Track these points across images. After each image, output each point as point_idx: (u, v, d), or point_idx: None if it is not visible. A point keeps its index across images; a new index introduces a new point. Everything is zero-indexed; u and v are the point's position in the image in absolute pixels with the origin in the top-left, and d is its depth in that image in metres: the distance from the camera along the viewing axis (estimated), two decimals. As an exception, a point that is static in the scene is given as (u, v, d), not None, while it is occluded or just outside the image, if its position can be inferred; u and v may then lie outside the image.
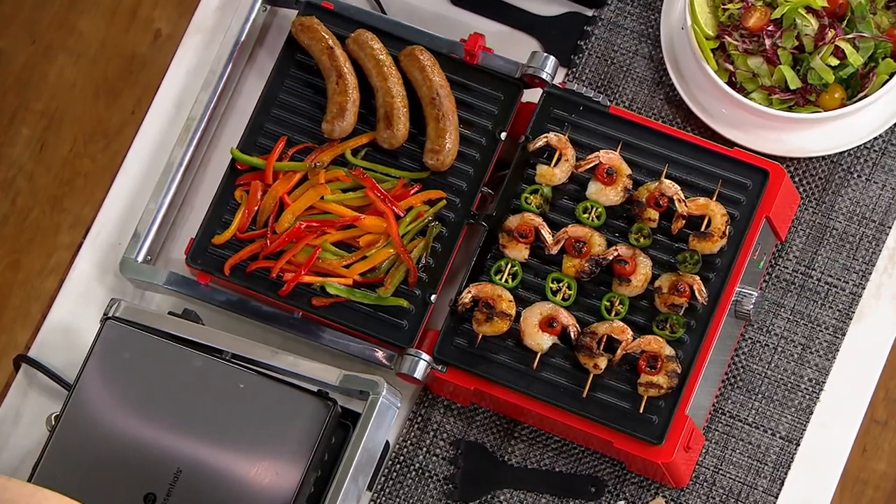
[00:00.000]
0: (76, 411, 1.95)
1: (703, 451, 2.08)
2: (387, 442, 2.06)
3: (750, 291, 2.04)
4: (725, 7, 2.13)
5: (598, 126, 2.10)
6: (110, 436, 1.94)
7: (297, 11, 2.20)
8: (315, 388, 1.98)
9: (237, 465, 1.92)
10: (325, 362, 1.99)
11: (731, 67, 2.13)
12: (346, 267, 2.08)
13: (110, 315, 2.00)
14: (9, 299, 3.23)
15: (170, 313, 2.06)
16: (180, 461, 1.92)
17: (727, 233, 2.03)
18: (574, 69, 2.24)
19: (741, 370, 2.11)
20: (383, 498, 2.10)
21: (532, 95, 2.14)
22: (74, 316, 2.18)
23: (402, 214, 2.09)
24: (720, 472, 2.08)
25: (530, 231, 2.06)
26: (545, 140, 2.09)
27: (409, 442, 2.12)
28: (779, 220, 2.08)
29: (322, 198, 2.09)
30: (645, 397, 1.99)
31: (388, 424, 1.97)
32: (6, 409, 2.14)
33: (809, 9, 2.09)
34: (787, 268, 2.14)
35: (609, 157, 2.07)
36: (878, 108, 2.14)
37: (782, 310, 2.13)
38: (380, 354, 2.06)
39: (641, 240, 2.05)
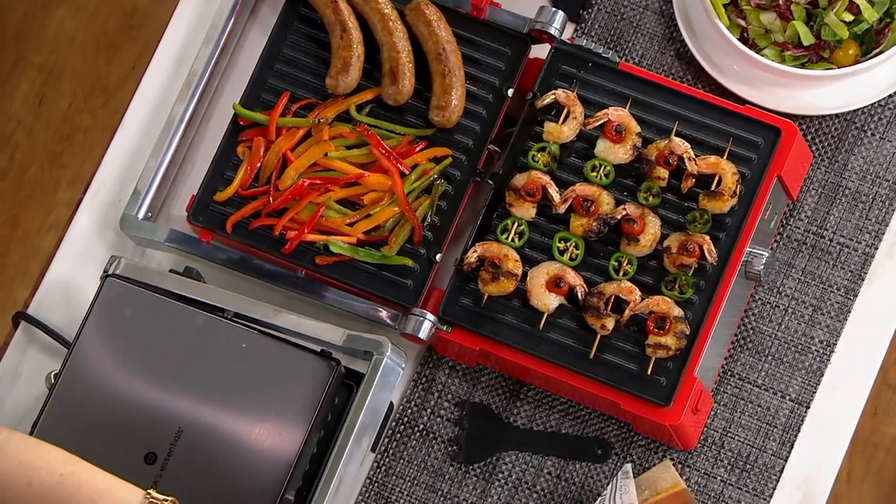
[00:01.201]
0: (76, 369, 1.94)
1: (712, 413, 2.06)
2: (391, 403, 2.04)
3: (760, 251, 2.02)
4: (738, -39, 2.11)
5: (608, 83, 2.08)
6: (110, 394, 1.92)
7: (300, -36, 2.17)
8: (318, 348, 1.97)
9: (239, 425, 1.91)
10: (328, 322, 1.98)
11: (743, 23, 2.11)
12: (350, 225, 2.06)
13: (110, 272, 1.98)
14: (7, 256, 3.22)
15: (171, 271, 2.04)
16: (181, 420, 1.91)
17: (738, 192, 2.00)
18: (583, 24, 2.21)
19: (751, 332, 2.09)
20: (387, 459, 2.08)
21: (540, 51, 2.11)
22: (74, 273, 2.16)
23: (407, 172, 2.07)
24: (729, 434, 2.06)
25: (537, 189, 2.03)
26: (553, 97, 2.06)
27: (413, 403, 2.10)
28: (790, 178, 2.06)
29: (326, 154, 2.08)
30: (653, 358, 1.97)
31: (392, 385, 1.96)
32: (5, 366, 2.13)
33: (824, -37, 2.07)
34: (799, 228, 2.12)
35: (618, 114, 2.05)
36: (892, 65, 2.12)
37: (793, 270, 2.10)
38: (384, 314, 2.04)
39: (650, 199, 2.02)
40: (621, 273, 2.01)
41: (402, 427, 2.09)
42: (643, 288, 2.00)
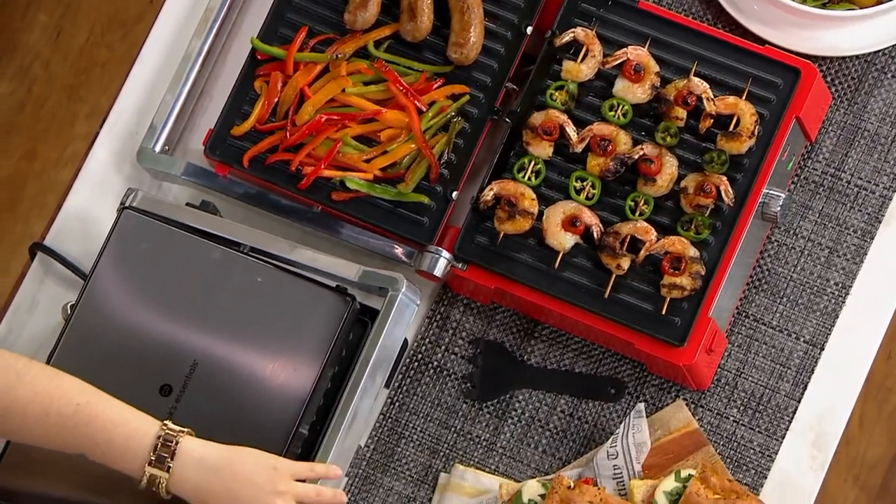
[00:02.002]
0: (92, 301, 1.94)
1: (726, 354, 2.06)
2: (405, 339, 2.04)
3: (777, 193, 2.01)
4: None
5: (627, 21, 2.07)
6: (126, 326, 1.92)
7: None
8: (334, 284, 1.97)
9: (254, 359, 1.91)
10: (344, 258, 1.98)
11: (764, -37, 2.10)
12: (367, 161, 2.05)
13: (127, 205, 1.98)
14: (24, 189, 3.22)
15: (187, 205, 2.04)
16: (197, 354, 1.91)
17: (756, 133, 1.99)
18: (603, -37, 2.19)
19: (766, 273, 2.09)
20: (401, 395, 2.09)
21: (559, -11, 2.10)
22: (91, 205, 2.16)
23: (424, 109, 2.06)
24: (742, 375, 2.06)
25: (555, 128, 2.03)
26: (572, 35, 2.05)
27: (427, 340, 2.10)
28: (809, 120, 2.05)
29: (343, 90, 2.07)
30: (668, 299, 1.97)
31: (406, 321, 1.96)
32: (22, 296, 2.13)
33: None
34: (817, 169, 2.11)
35: (637, 53, 2.04)
36: (914, 8, 2.10)
37: (810, 212, 2.10)
38: (399, 251, 2.04)
39: (668, 139, 2.02)
40: (637, 213, 2.01)
41: (417, 364, 2.10)
42: (659, 228, 2.00)
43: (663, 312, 1.97)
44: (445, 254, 2.02)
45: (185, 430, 1.78)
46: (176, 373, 1.90)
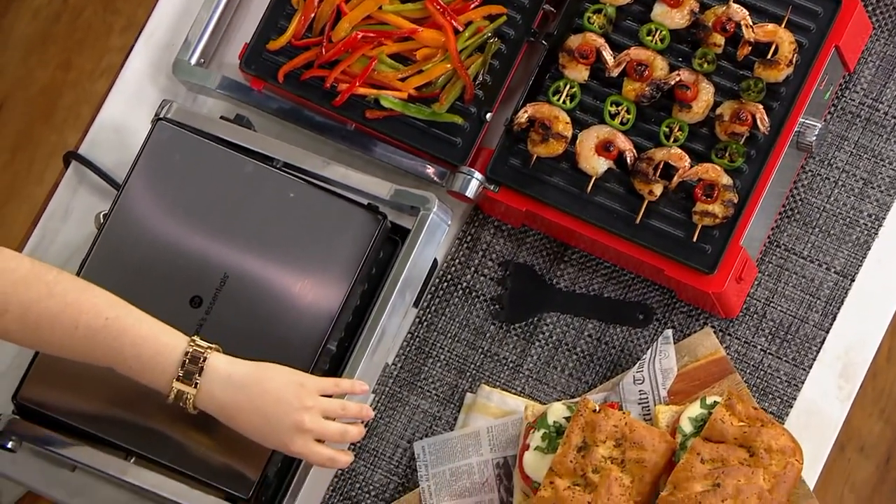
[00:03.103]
0: (124, 211, 1.94)
1: (756, 283, 2.06)
2: (435, 259, 2.05)
3: (813, 122, 2.00)
4: None
5: (668, -55, 2.05)
6: (158, 237, 1.93)
7: None
8: (365, 202, 1.97)
9: (284, 274, 1.92)
10: (376, 177, 1.97)
11: None
12: (402, 80, 2.05)
13: (162, 116, 1.98)
14: (59, 99, 3.22)
15: (222, 118, 2.04)
16: (227, 267, 1.92)
17: (794, 61, 1.98)
18: None
19: (799, 203, 2.08)
20: (429, 315, 2.09)
21: (600, -89, 2.07)
22: (125, 115, 2.16)
23: (461, 29, 2.05)
24: (771, 304, 2.06)
25: (591, 52, 2.01)
26: (612, -42, 2.04)
27: (457, 261, 2.10)
28: (848, 49, 2.03)
29: (380, 8, 2.06)
30: (699, 226, 1.96)
31: (437, 241, 1.96)
32: (55, 204, 2.14)
33: None
34: (854, 100, 2.09)
35: (677, -22, 2.02)
36: (959, -61, 2.07)
37: (845, 143, 2.08)
38: (431, 171, 2.04)
39: (705, 65, 2.00)
40: (672, 139, 2.00)
41: (446, 284, 2.10)
42: (693, 155, 1.99)
43: (694, 240, 1.96)
44: (478, 175, 2.01)
45: (213, 346, 1.78)
46: (206, 285, 1.91)
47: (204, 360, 1.76)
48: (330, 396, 1.82)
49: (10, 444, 1.90)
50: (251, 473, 1.87)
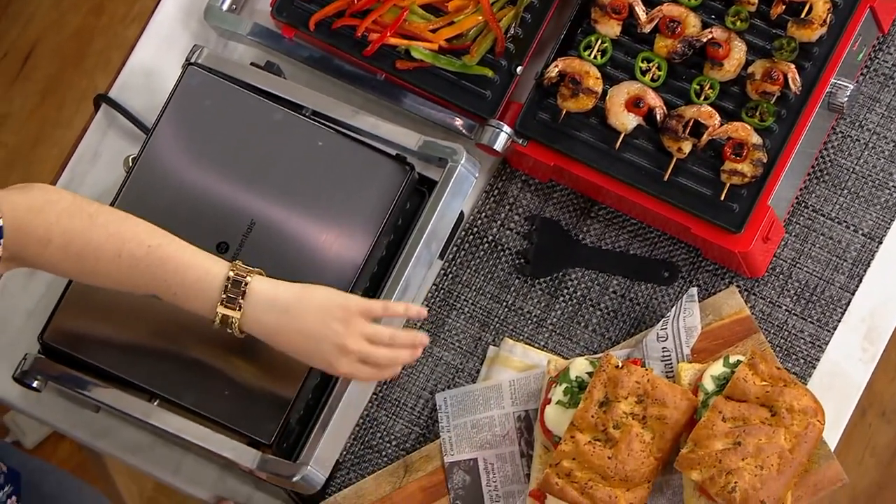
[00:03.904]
0: (153, 155, 1.95)
1: (782, 243, 2.05)
2: (461, 212, 2.05)
3: (846, 83, 1.99)
4: None
5: None
6: (186, 182, 1.93)
7: None
8: (393, 153, 1.97)
9: (310, 222, 1.92)
10: (405, 128, 1.97)
11: None
12: (433, 31, 2.04)
13: (192, 61, 1.98)
14: (90, 44, 3.22)
15: (252, 64, 2.03)
16: (254, 213, 1.92)
17: (828, 21, 1.97)
18: None
19: (828, 164, 2.07)
20: (454, 268, 2.09)
21: None
22: (156, 59, 2.16)
23: (493, -19, 2.04)
24: (797, 265, 2.05)
25: (624, 7, 2.01)
26: (647, -87, 2.03)
27: (483, 214, 2.10)
28: (883, 10, 2.02)
29: (413, -42, 2.05)
30: (727, 185, 1.96)
31: (464, 193, 1.96)
32: (85, 147, 2.14)
33: None
34: (887, 61, 2.08)
35: (712, -66, 2.01)
36: None
37: (877, 105, 2.07)
38: (460, 123, 2.04)
39: (738, 23, 1.99)
40: (702, 97, 1.99)
41: (472, 237, 2.10)
42: (723, 113, 1.98)
43: (722, 198, 1.96)
44: (506, 128, 2.01)
45: (256, 270, 1.78)
46: (233, 231, 1.91)
47: (245, 285, 1.76)
48: (378, 321, 1.80)
49: (35, 384, 1.91)
50: (274, 419, 1.88)
